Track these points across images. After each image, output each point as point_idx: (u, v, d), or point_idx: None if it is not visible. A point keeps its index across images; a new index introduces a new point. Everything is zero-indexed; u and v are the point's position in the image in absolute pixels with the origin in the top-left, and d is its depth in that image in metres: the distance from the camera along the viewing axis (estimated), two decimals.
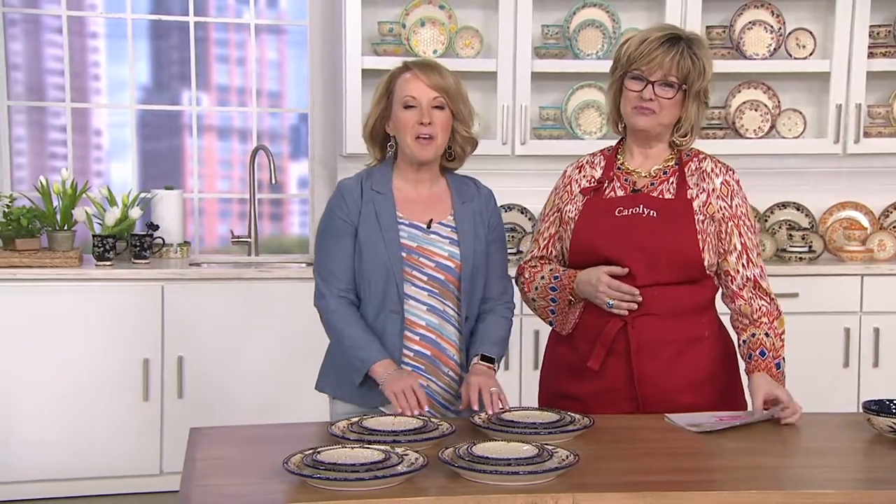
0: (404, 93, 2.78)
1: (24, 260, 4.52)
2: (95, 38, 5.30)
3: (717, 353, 2.84)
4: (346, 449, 2.24)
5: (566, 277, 2.82)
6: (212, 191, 5.38)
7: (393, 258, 2.75)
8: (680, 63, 2.73)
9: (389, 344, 2.76)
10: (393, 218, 2.79)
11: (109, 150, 5.32)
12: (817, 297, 4.96)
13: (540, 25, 5.03)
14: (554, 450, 2.28)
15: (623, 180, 2.86)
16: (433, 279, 2.79)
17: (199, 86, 5.29)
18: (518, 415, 2.57)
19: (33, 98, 5.20)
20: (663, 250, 2.74)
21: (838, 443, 2.50)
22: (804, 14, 5.24)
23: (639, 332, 2.75)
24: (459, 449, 2.26)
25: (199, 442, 2.39)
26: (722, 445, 2.45)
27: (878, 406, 2.56)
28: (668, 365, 2.75)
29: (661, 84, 2.75)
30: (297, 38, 5.38)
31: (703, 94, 2.82)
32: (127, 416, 4.55)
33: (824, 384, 4.93)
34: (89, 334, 4.51)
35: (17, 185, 5.10)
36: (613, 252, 2.75)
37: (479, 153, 4.90)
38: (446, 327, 2.81)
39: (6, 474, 4.48)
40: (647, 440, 2.49)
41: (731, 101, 5.18)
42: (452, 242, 2.81)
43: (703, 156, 2.90)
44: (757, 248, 2.86)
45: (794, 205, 5.33)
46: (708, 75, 2.79)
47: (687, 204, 2.78)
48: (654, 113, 2.77)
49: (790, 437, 2.57)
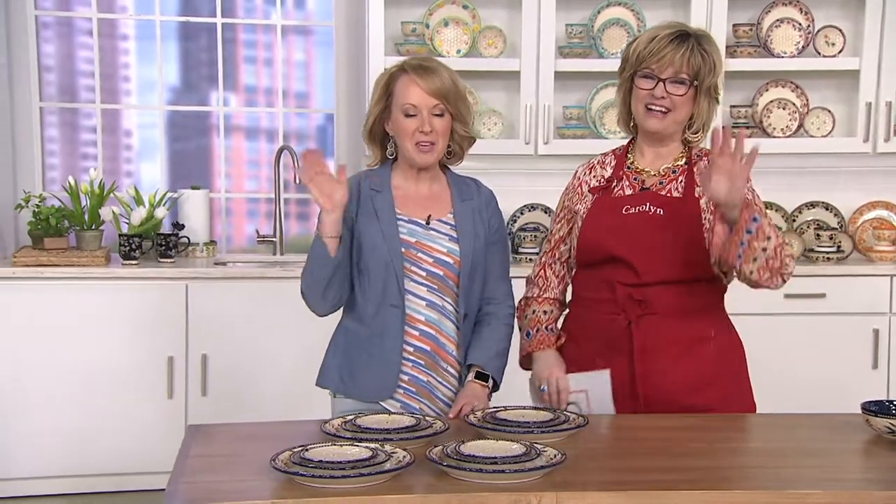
0: (404, 100, 2.79)
1: (52, 259, 4.60)
2: (126, 40, 5.37)
3: (724, 353, 2.82)
4: (336, 447, 2.26)
5: (536, 341, 2.90)
6: (240, 191, 5.44)
7: (393, 252, 2.77)
8: (690, 59, 2.73)
9: (391, 338, 2.78)
10: (392, 214, 2.81)
11: (139, 150, 5.39)
12: (846, 297, 4.90)
13: (564, 24, 5.02)
14: (543, 449, 2.28)
15: (632, 179, 2.87)
16: (432, 275, 2.80)
17: (227, 86, 5.35)
18: (513, 413, 2.57)
19: (66, 99, 5.28)
20: (668, 248, 2.73)
21: (835, 443, 2.47)
22: (834, 11, 5.18)
23: (643, 332, 2.74)
24: (448, 447, 2.26)
25: (194, 439, 2.42)
26: (715, 445, 2.44)
27: (878, 407, 2.53)
28: (672, 365, 2.74)
29: (672, 81, 2.75)
30: (324, 39, 5.41)
31: (713, 90, 2.81)
32: (151, 413, 4.61)
33: (853, 386, 4.87)
34: (114, 332, 4.58)
35: (50, 185, 5.18)
36: (619, 250, 2.75)
37: (502, 152, 5.01)
38: (445, 323, 2.83)
39: (32, 469, 4.56)
40: (642, 440, 2.48)
41: (759, 99, 5.13)
42: (451, 239, 2.83)
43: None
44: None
45: (822, 204, 5.27)
46: (718, 71, 2.79)
47: (694, 202, 2.77)
48: (666, 112, 2.76)
49: (787, 436, 2.54)
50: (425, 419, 2.52)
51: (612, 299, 2.77)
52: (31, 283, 4.54)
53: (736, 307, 4.73)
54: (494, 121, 5.03)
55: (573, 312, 2.93)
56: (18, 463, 4.55)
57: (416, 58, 2.89)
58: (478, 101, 5.02)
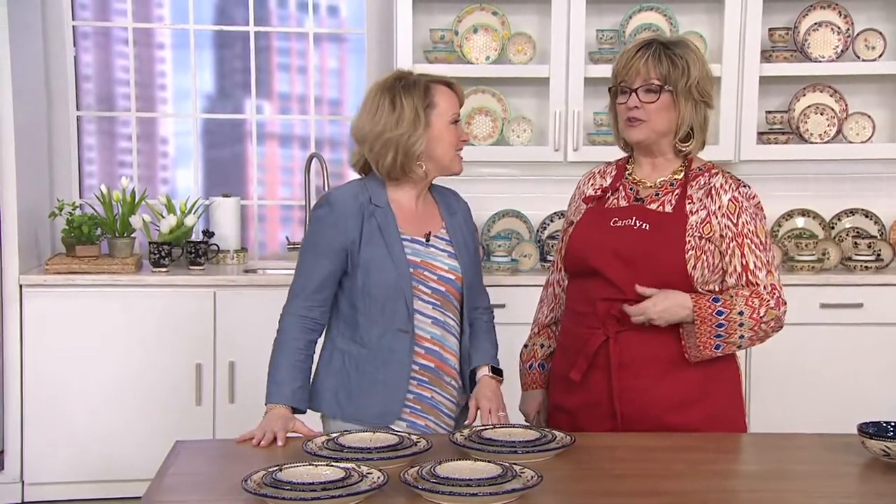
0: (454, 108, 2.82)
1: (84, 266, 4.66)
2: (162, 49, 5.43)
3: (710, 373, 2.73)
4: (311, 467, 2.25)
5: (529, 379, 3.01)
6: (273, 198, 5.47)
7: (402, 275, 2.75)
8: (657, 65, 2.69)
9: (398, 363, 2.76)
10: (396, 234, 2.78)
11: (175, 157, 5.45)
12: (885, 307, 4.79)
13: (595, 30, 4.97)
14: (521, 470, 2.25)
15: (629, 190, 2.83)
16: (436, 292, 2.80)
17: (261, 94, 5.38)
18: (500, 432, 2.54)
19: (103, 108, 5.35)
20: (650, 264, 2.68)
21: (826, 466, 2.40)
22: (875, 14, 5.06)
23: (621, 347, 2.70)
24: (424, 469, 2.25)
25: (176, 455, 2.43)
26: (699, 467, 2.38)
27: (875, 428, 2.46)
28: (651, 383, 2.69)
29: (643, 90, 2.71)
30: (357, 46, 5.42)
31: (697, 93, 2.73)
32: (180, 419, 4.65)
33: (892, 398, 4.77)
34: (143, 339, 4.64)
35: (88, 192, 5.26)
36: (599, 263, 2.73)
37: (532, 159, 4.98)
38: (448, 339, 2.83)
39: (62, 474, 4.64)
40: (626, 460, 2.44)
41: (795, 104, 5.03)
42: (451, 255, 2.84)
43: (716, 171, 2.82)
44: (769, 265, 2.73)
45: (862, 211, 5.15)
46: (693, 73, 2.71)
47: (682, 218, 2.72)
48: (643, 122, 2.72)
49: (778, 457, 2.48)
50: (409, 437, 2.50)
51: (594, 313, 2.73)
52: (63, 290, 4.62)
53: None
54: (524, 127, 4.99)
55: (563, 324, 2.91)
56: (49, 468, 4.63)
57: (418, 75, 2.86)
58: (507, 109, 4.99)
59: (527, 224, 5.14)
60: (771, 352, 4.72)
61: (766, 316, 2.68)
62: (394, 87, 2.79)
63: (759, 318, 2.67)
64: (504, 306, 4.65)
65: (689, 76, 2.70)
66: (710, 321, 2.64)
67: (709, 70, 2.78)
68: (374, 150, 2.78)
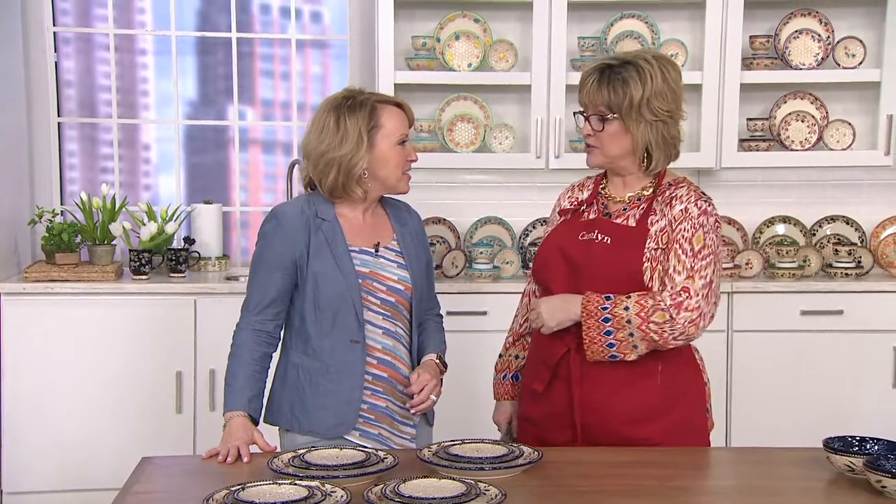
0: (401, 129, 2.83)
1: (63, 274, 4.65)
2: (144, 55, 5.42)
3: (674, 386, 2.73)
4: (273, 485, 2.25)
5: (502, 389, 3.03)
6: (256, 204, 5.46)
7: (351, 286, 2.77)
8: (603, 93, 2.71)
9: (350, 374, 2.78)
10: (344, 246, 2.80)
11: (157, 164, 5.44)
12: (864, 314, 4.80)
13: (576, 37, 4.97)
14: (486, 489, 2.25)
15: (600, 205, 2.85)
16: (386, 303, 2.83)
17: (244, 100, 5.38)
18: (467, 448, 2.55)
19: (85, 114, 5.34)
20: (609, 277, 2.69)
21: (791, 482, 2.41)
22: (855, 21, 5.07)
23: (582, 359, 2.70)
24: (387, 487, 2.25)
25: (142, 472, 2.42)
26: (667, 483, 2.38)
27: (841, 443, 2.46)
28: (612, 395, 2.70)
29: (594, 118, 2.75)
30: (340, 52, 5.42)
31: (649, 113, 2.71)
32: (160, 427, 4.65)
33: (871, 405, 4.79)
34: (123, 347, 4.62)
35: (70, 199, 5.24)
36: (560, 275, 2.76)
37: (513, 166, 4.98)
38: (399, 348, 2.86)
39: (41, 484, 4.62)
40: (593, 476, 2.44)
41: (776, 112, 5.04)
42: (400, 266, 2.86)
43: (682, 184, 2.82)
44: (692, 271, 2.66)
45: (843, 218, 5.16)
46: (637, 95, 2.68)
47: (643, 231, 2.73)
48: (597, 148, 2.77)
49: (746, 473, 2.49)
50: (376, 453, 2.51)
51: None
52: (42, 298, 4.60)
53: (749, 324, 4.74)
54: (506, 135, 4.99)
55: (533, 335, 2.92)
56: (27, 477, 4.62)
57: (367, 94, 2.87)
58: (489, 116, 4.99)
59: (509, 231, 5.14)
60: (751, 358, 4.76)
61: (654, 315, 2.62)
62: (340, 106, 2.82)
63: (646, 318, 2.62)
64: (486, 313, 4.68)
65: (633, 100, 2.69)
66: (597, 316, 2.63)
67: (666, 86, 2.72)
68: (317, 168, 2.82)
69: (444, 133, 4.93)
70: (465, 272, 4.96)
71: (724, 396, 4.75)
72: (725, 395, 4.76)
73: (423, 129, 4.91)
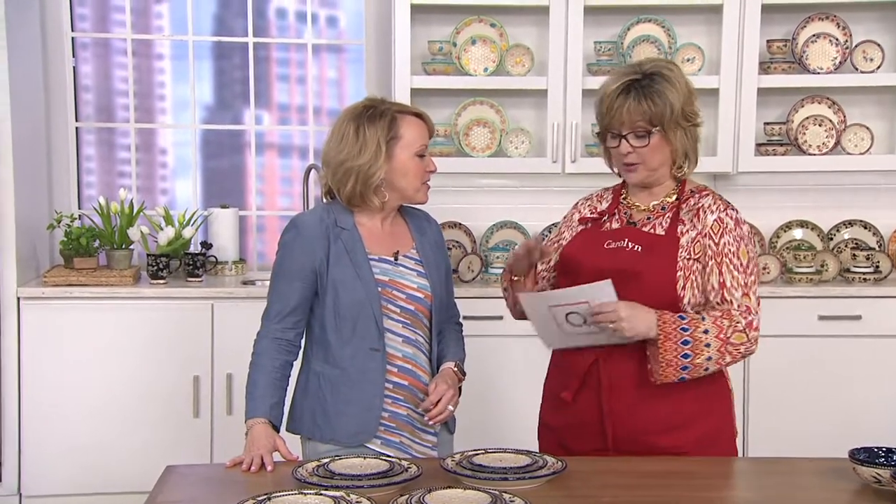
0: (421, 140, 2.83)
1: (82, 278, 4.67)
2: (161, 60, 5.44)
3: (703, 394, 2.73)
4: (299, 495, 2.25)
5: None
6: (273, 208, 5.47)
7: (370, 294, 2.77)
8: (643, 108, 2.68)
9: (371, 382, 2.79)
10: (364, 254, 2.81)
11: (174, 168, 5.45)
12: (883, 319, 4.78)
13: (592, 42, 4.96)
14: (511, 499, 2.26)
15: (622, 214, 2.84)
16: (405, 311, 2.83)
17: (260, 104, 5.39)
18: (491, 458, 2.55)
19: (103, 119, 5.36)
20: (640, 285, 2.67)
21: (816, 492, 2.40)
22: (873, 25, 5.05)
23: (610, 369, 2.70)
24: (413, 498, 2.25)
25: (166, 481, 2.43)
26: (693, 494, 2.38)
27: (866, 454, 2.45)
28: (640, 405, 2.69)
29: (632, 136, 2.71)
30: (356, 57, 5.42)
31: (684, 120, 2.73)
32: (178, 432, 4.66)
33: (890, 411, 4.76)
34: (141, 352, 4.64)
35: (87, 203, 5.26)
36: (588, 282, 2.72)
37: (530, 171, 4.97)
38: (420, 356, 2.86)
39: (59, 487, 4.64)
40: (619, 486, 2.44)
41: (794, 116, 5.02)
42: (420, 274, 2.87)
43: (706, 192, 2.83)
44: (746, 287, 2.70)
45: (861, 223, 5.14)
46: (676, 104, 2.69)
47: (674, 240, 2.72)
48: (639, 164, 2.74)
49: (772, 483, 2.48)
50: (400, 463, 2.51)
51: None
52: (61, 303, 4.62)
53: (767, 329, 4.68)
54: (522, 139, 4.99)
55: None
56: (47, 480, 4.64)
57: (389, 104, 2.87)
58: (505, 120, 4.99)
59: (525, 235, 5.14)
60: (769, 364, 4.73)
61: (733, 337, 2.64)
62: (360, 115, 2.83)
63: (726, 339, 2.63)
64: (502, 318, 4.66)
65: (673, 109, 2.69)
66: (675, 337, 2.59)
67: (689, 88, 2.75)
68: (336, 177, 2.83)
69: (460, 137, 4.93)
70: (482, 276, 4.96)
71: (742, 402, 4.74)
72: (743, 400, 4.75)
73: (440, 134, 4.91)
